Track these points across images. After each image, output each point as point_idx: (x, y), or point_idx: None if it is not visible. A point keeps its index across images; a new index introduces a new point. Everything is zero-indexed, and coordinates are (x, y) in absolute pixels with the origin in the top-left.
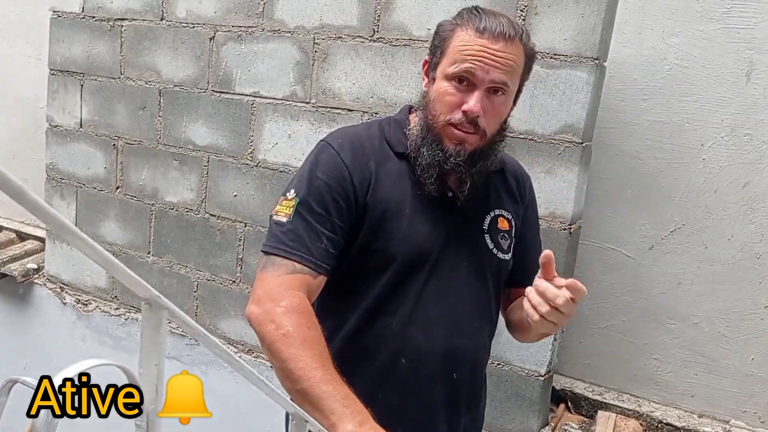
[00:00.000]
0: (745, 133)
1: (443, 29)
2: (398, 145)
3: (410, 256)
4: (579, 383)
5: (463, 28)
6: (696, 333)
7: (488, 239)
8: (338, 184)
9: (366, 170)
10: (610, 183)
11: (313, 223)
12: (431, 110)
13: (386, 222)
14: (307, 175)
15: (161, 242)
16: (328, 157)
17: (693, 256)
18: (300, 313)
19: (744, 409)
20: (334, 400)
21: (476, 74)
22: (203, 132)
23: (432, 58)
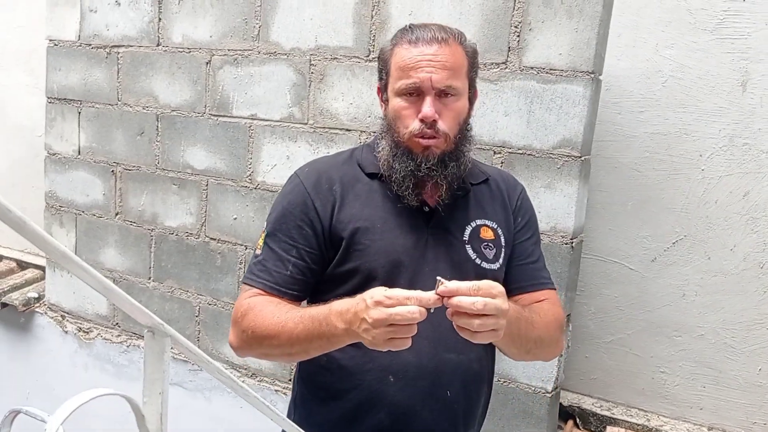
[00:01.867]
0: (744, 143)
1: (383, 52)
2: (369, 167)
3: (387, 269)
4: (586, 399)
5: (398, 45)
6: (702, 345)
7: (470, 250)
8: (301, 212)
9: (329, 194)
10: (610, 196)
11: (279, 251)
12: (394, 129)
13: (358, 240)
14: (275, 206)
15: (162, 267)
16: (292, 187)
17: (696, 268)
18: (252, 307)
19: (754, 420)
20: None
21: (421, 83)
22: (202, 156)
23: (381, 82)
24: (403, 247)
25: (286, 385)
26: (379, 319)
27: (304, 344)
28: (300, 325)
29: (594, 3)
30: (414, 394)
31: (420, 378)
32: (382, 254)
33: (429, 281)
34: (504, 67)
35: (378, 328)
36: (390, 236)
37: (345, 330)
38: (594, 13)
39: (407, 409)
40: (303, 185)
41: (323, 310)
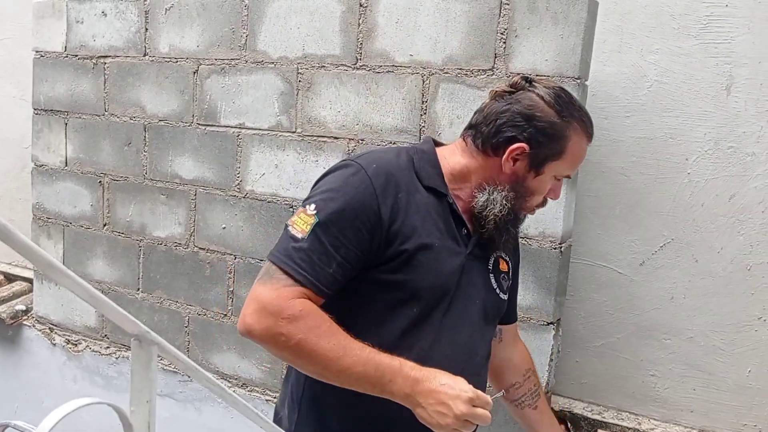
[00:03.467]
0: (729, 146)
1: (560, 129)
2: (427, 179)
3: (435, 291)
4: (577, 403)
5: (578, 132)
6: (691, 347)
7: (493, 279)
8: (365, 213)
9: (396, 201)
10: (598, 200)
11: (328, 246)
12: (527, 200)
13: (416, 254)
14: (334, 194)
15: (150, 278)
16: (359, 181)
17: (684, 270)
18: (305, 317)
19: (744, 422)
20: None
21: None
22: (190, 165)
23: (537, 148)
24: (449, 271)
25: (277, 394)
26: (464, 413)
27: (351, 382)
28: (360, 366)
29: (579, 9)
30: None
31: None
32: (432, 275)
33: (461, 306)
34: (491, 73)
35: (459, 420)
36: (443, 259)
37: (406, 396)
38: (579, 19)
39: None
40: (372, 184)
41: (393, 366)
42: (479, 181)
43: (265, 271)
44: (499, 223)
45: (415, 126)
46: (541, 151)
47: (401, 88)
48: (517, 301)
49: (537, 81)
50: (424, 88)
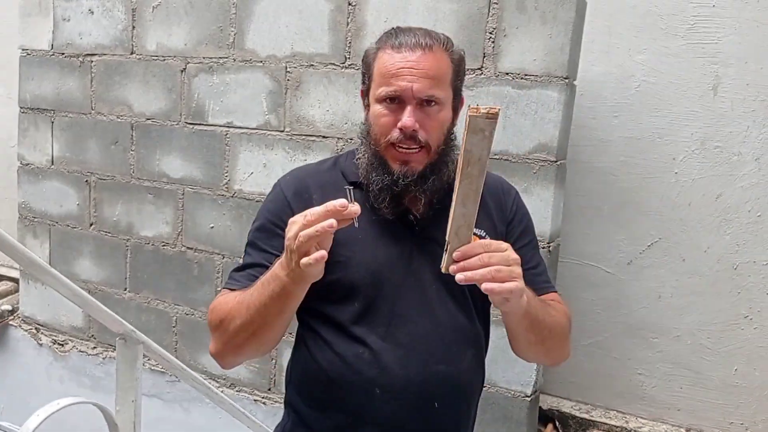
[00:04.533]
0: (715, 146)
1: (367, 55)
2: (351, 175)
3: (369, 282)
4: (566, 402)
5: (382, 49)
6: (679, 346)
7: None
8: (279, 219)
9: (308, 203)
10: (586, 200)
11: (257, 259)
12: (372, 136)
13: (338, 252)
14: (258, 216)
15: (138, 278)
16: (273, 196)
17: (671, 270)
18: (217, 304)
19: (731, 420)
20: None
21: (402, 92)
22: (177, 164)
23: (364, 86)
24: (385, 259)
25: (266, 394)
26: (290, 237)
27: (261, 312)
28: (254, 293)
29: (567, 9)
30: (401, 407)
31: (406, 391)
32: (362, 266)
33: (413, 293)
34: (480, 72)
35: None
36: (371, 248)
37: (287, 274)
38: (567, 19)
39: (394, 423)
40: (283, 193)
41: (270, 270)
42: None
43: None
44: (368, 173)
45: None
46: (364, 86)
47: None
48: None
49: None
50: None
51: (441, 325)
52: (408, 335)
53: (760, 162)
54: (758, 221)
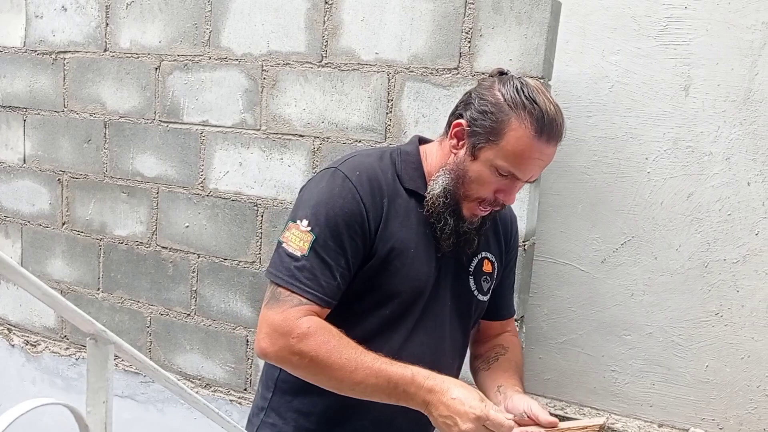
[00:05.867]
0: (687, 146)
1: (498, 110)
2: (409, 182)
3: (409, 294)
4: (540, 399)
5: (521, 121)
6: (651, 343)
7: (472, 281)
8: (355, 222)
9: (380, 207)
10: (561, 199)
11: (328, 260)
12: (466, 187)
13: (392, 259)
14: (324, 207)
15: (111, 278)
16: (346, 190)
17: (644, 268)
18: (314, 334)
19: (702, 416)
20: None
21: (525, 177)
22: (151, 163)
23: (474, 130)
24: (425, 275)
25: (242, 394)
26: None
27: (367, 393)
28: (372, 379)
29: (542, 9)
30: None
31: None
32: (407, 280)
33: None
34: (456, 72)
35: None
36: (418, 263)
37: (421, 404)
38: (542, 19)
39: (388, 416)
40: (357, 192)
41: (405, 377)
42: (436, 169)
43: (271, 295)
44: (436, 205)
45: (381, 124)
46: (477, 132)
47: (367, 87)
48: (510, 296)
49: (513, 74)
50: (390, 86)
51: (446, 340)
52: (421, 345)
53: (730, 162)
54: (728, 220)
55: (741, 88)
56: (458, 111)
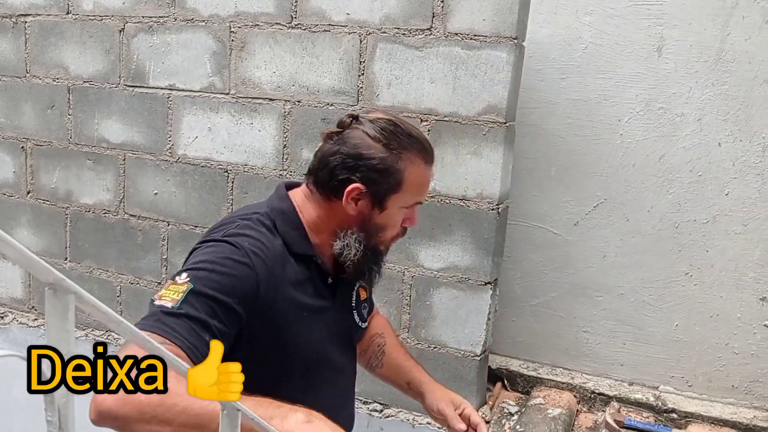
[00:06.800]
0: (659, 107)
1: (391, 164)
2: (294, 245)
3: (311, 360)
4: (514, 361)
5: (412, 161)
6: (622, 303)
7: (356, 315)
8: (242, 290)
9: (272, 277)
10: (534, 162)
11: (202, 313)
12: (380, 235)
13: (287, 329)
14: (210, 266)
15: (79, 247)
16: (239, 257)
17: (616, 229)
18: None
19: (672, 374)
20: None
21: (425, 197)
22: (117, 129)
23: (374, 190)
24: (323, 333)
25: None
26: None
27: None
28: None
29: None
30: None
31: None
32: (307, 345)
33: (336, 356)
34: (429, 33)
35: None
36: (314, 325)
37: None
38: None
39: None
40: (255, 272)
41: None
42: (332, 228)
43: (125, 341)
44: (359, 266)
45: (353, 87)
46: (378, 188)
47: (338, 48)
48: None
49: (363, 116)
50: (362, 48)
51: (347, 377)
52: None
53: (701, 123)
54: (699, 181)
55: (713, 48)
56: (338, 173)
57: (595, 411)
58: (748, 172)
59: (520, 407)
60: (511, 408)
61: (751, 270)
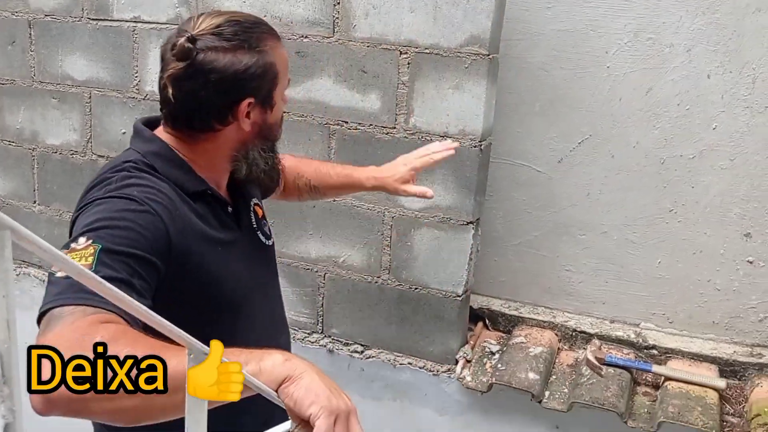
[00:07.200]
0: (648, 38)
1: (263, 62)
2: (186, 184)
3: (237, 293)
4: (495, 301)
5: (272, 46)
6: (605, 241)
7: (260, 235)
8: (153, 240)
9: (177, 221)
10: (518, 97)
11: (123, 275)
12: (276, 133)
13: (208, 268)
14: (110, 224)
15: (47, 189)
16: (132, 212)
17: (601, 166)
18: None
19: (653, 311)
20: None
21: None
22: (82, 65)
23: (258, 91)
24: (245, 261)
25: None
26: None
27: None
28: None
29: None
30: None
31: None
32: (234, 278)
33: (258, 285)
34: None
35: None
36: (230, 260)
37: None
38: None
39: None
40: (151, 209)
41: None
42: (226, 156)
43: (46, 324)
44: (271, 171)
45: (328, 17)
46: (264, 91)
47: None
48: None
49: (199, 35)
50: None
51: (276, 301)
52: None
53: (691, 54)
54: (687, 114)
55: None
56: (219, 103)
57: (577, 349)
58: (736, 105)
59: (501, 346)
60: (493, 347)
61: (736, 206)
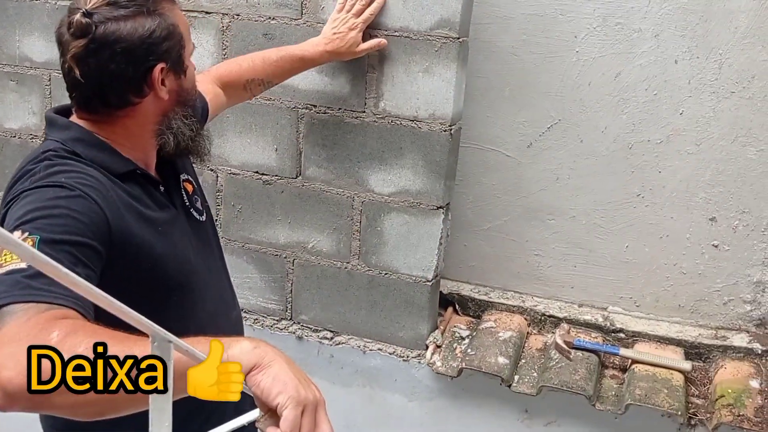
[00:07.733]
0: (617, 23)
1: (166, 24)
2: (113, 166)
3: (183, 273)
4: (465, 286)
5: (169, 8)
6: (574, 226)
7: (193, 212)
8: (91, 225)
9: (112, 204)
10: (488, 82)
11: (67, 265)
12: (192, 97)
13: (150, 250)
14: (44, 213)
15: (7, 175)
16: (66, 198)
17: (569, 151)
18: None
19: (620, 295)
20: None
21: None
22: (41, 46)
23: (167, 55)
24: (186, 240)
25: None
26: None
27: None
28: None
29: None
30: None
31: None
32: (178, 258)
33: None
34: None
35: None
36: (175, 236)
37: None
38: None
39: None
40: (84, 194)
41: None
42: (149, 130)
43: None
44: (197, 138)
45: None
46: (173, 54)
47: None
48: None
49: (93, 8)
50: None
51: (223, 277)
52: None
53: (659, 39)
54: (654, 99)
55: None
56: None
57: (546, 333)
58: (703, 90)
59: (471, 331)
60: (463, 332)
61: (702, 190)
